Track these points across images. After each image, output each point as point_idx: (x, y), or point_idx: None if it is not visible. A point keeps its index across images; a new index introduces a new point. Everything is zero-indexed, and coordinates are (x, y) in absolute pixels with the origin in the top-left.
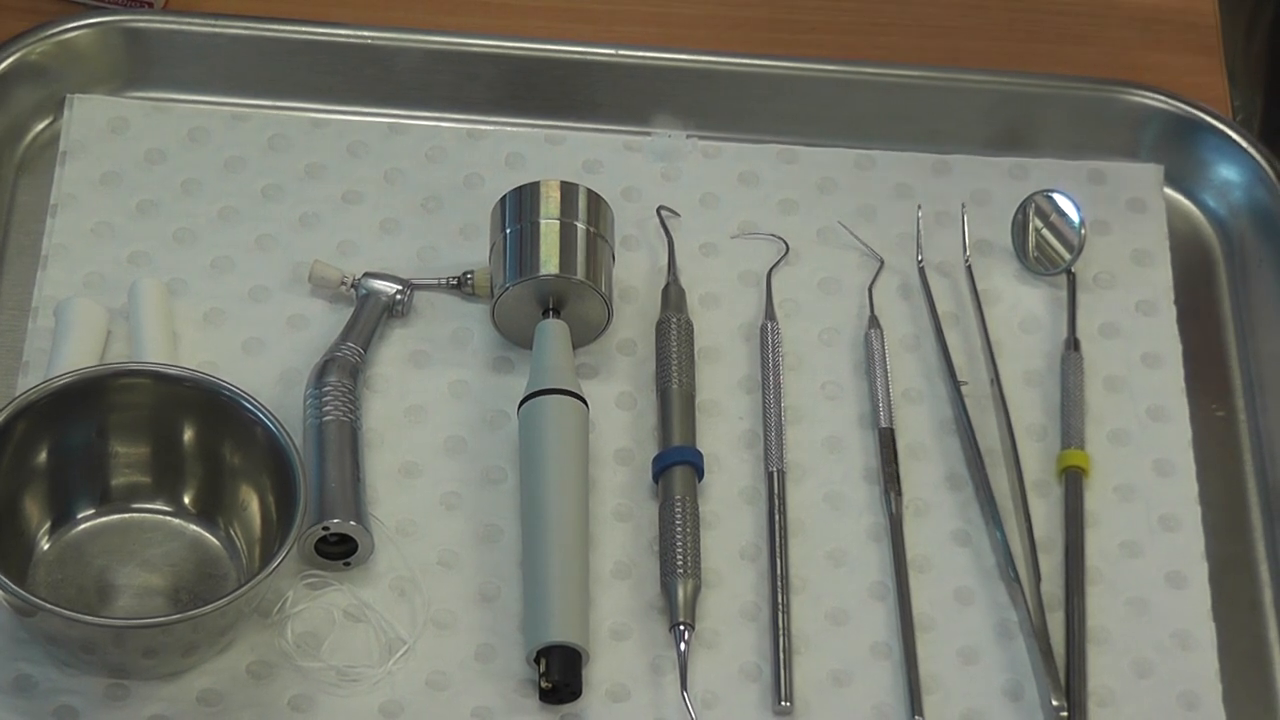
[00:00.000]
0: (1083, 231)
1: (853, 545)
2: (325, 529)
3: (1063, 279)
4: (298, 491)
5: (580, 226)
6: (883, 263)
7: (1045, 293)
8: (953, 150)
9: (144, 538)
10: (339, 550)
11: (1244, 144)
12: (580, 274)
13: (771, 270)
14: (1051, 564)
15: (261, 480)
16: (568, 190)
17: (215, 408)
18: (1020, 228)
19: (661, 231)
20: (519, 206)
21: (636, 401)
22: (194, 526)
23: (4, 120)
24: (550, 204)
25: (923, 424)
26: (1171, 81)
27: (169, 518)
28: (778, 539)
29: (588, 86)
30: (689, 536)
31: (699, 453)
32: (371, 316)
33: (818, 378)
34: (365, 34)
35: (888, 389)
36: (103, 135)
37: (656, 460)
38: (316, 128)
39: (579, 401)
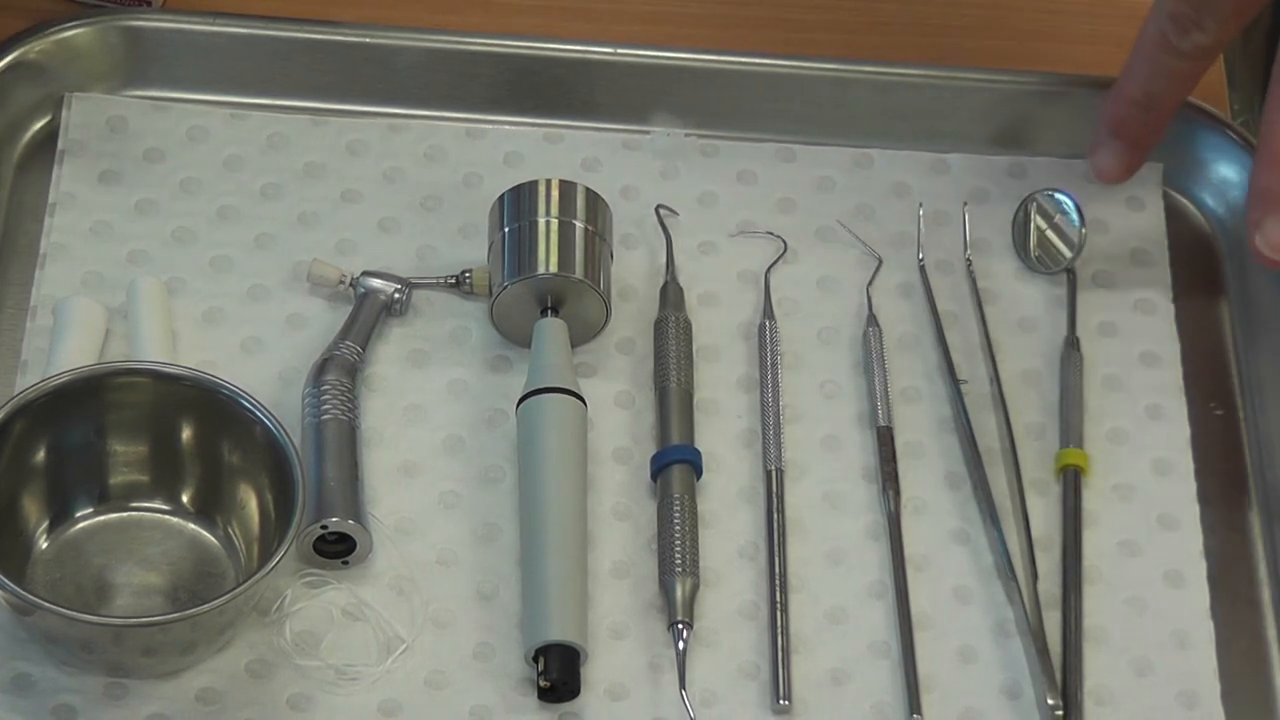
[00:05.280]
0: (1083, 230)
1: (851, 544)
2: (324, 528)
3: (1059, 277)
4: (296, 490)
5: (579, 225)
6: (881, 261)
7: (1043, 291)
8: (951, 149)
9: (142, 536)
10: (337, 549)
11: (1242, 143)
12: (579, 273)
13: (770, 269)
14: (1050, 563)
15: (260, 479)
16: (566, 189)
17: (214, 406)
18: (1021, 226)
19: (660, 230)
20: (517, 205)
21: (635, 400)
22: (192, 525)
23: (2, 119)
24: (549, 203)
25: (921, 423)
26: None
27: (167, 516)
28: (776, 538)
29: (586, 85)
30: (687, 535)
31: (697, 451)
32: (370, 315)
33: (816, 376)
34: (364, 33)
35: (886, 388)
36: (101, 134)
37: (655, 459)
38: (315, 126)
39: (577, 400)
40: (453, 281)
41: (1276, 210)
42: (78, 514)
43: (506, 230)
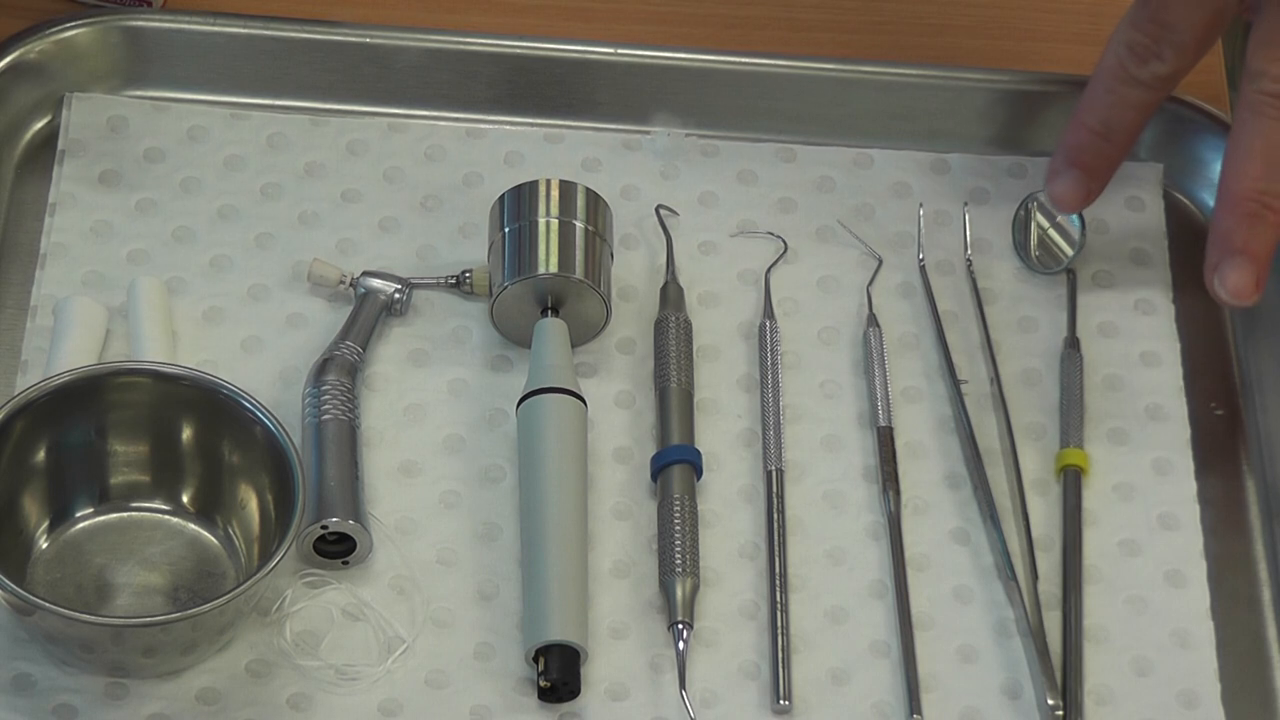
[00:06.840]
0: (1083, 230)
1: (851, 544)
2: (324, 528)
3: (1058, 278)
4: (296, 490)
5: (579, 225)
6: (881, 261)
7: (1043, 291)
8: (951, 149)
9: (143, 536)
10: (338, 549)
11: None
12: (579, 273)
13: (770, 269)
14: (1050, 563)
15: (260, 479)
16: (566, 189)
17: (214, 406)
18: (1022, 225)
19: (660, 230)
20: (518, 205)
21: (635, 400)
22: (193, 525)
23: (2, 119)
24: (549, 203)
25: (921, 423)
26: None
27: (168, 516)
28: (776, 537)
29: (587, 85)
30: (688, 535)
31: (698, 451)
32: (370, 315)
33: (816, 376)
34: (364, 33)
35: (886, 388)
36: (101, 134)
37: (655, 459)
38: (315, 126)
39: (578, 400)
40: (453, 281)
41: (1233, 254)
42: (78, 514)
43: (507, 230)
